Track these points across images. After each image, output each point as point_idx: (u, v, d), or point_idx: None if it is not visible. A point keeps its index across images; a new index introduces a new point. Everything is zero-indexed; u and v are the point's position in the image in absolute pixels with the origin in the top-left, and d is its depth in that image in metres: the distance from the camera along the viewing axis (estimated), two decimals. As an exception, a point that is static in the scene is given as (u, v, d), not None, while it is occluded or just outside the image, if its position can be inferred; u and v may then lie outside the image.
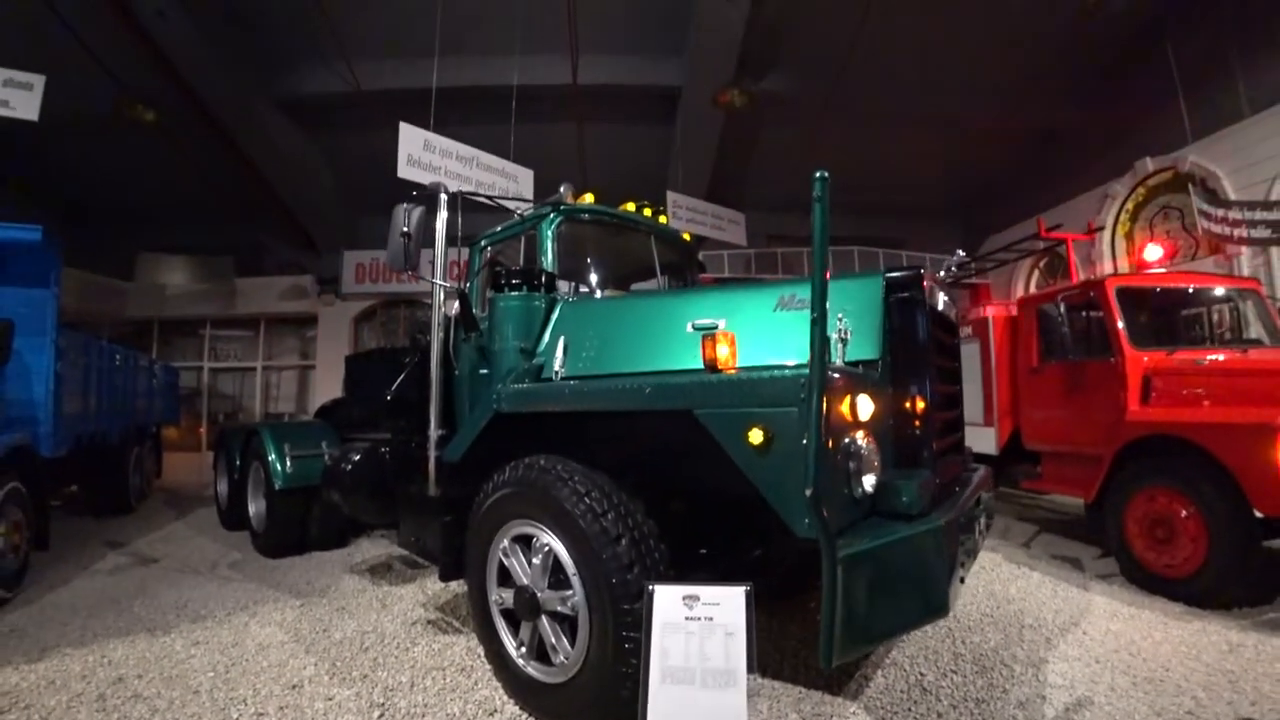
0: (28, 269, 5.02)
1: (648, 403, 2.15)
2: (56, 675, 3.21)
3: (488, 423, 2.87)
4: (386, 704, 2.80)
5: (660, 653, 1.66)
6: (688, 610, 1.70)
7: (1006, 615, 3.65)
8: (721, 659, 1.59)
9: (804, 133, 10.12)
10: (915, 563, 1.83)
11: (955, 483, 2.75)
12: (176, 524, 7.40)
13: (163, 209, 12.08)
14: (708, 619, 1.66)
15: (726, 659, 1.59)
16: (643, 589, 2.09)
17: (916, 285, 2.34)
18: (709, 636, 1.63)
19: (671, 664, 1.63)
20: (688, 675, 1.60)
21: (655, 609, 1.74)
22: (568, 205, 3.78)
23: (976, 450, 5.93)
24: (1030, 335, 5.34)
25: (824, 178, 1.50)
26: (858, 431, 1.88)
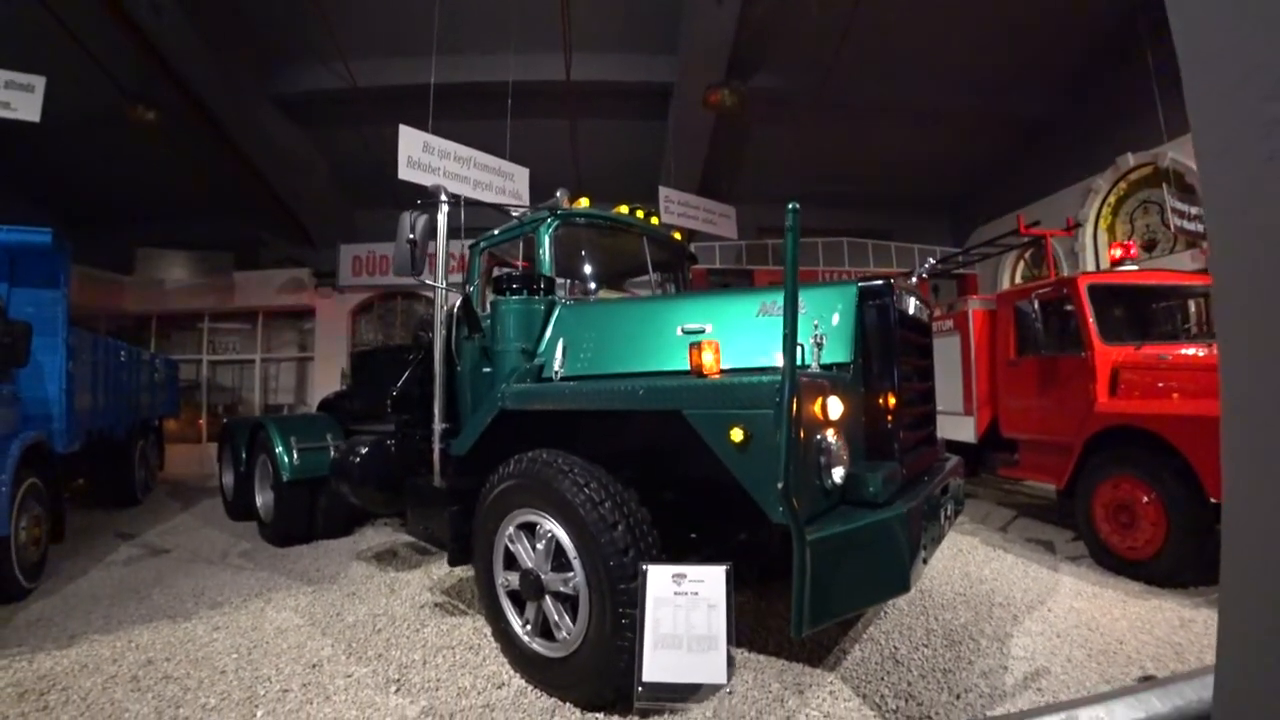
0: (38, 270, 5.16)
1: (641, 403, 2.37)
2: (88, 659, 3.41)
3: (493, 419, 3.07)
4: (402, 679, 3.02)
5: (653, 623, 1.89)
6: (676, 587, 1.93)
7: (979, 594, 3.91)
8: (705, 627, 1.83)
9: (794, 127, 10.29)
10: (878, 546, 2.04)
11: (926, 472, 2.98)
12: (183, 515, 7.58)
13: (162, 205, 12.16)
14: (693, 594, 1.90)
15: (709, 627, 1.83)
16: (638, 570, 2.33)
17: (887, 294, 2.56)
18: (694, 609, 1.87)
19: (663, 632, 1.86)
20: (676, 641, 1.84)
21: (649, 586, 1.97)
22: (564, 210, 3.96)
23: (957, 438, 6.22)
24: (1008, 330, 5.58)
25: (795, 209, 1.70)
26: (828, 429, 2.10)
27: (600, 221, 4.23)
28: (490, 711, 2.67)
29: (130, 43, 7.93)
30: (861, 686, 2.74)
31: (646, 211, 4.65)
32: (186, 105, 8.77)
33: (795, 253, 1.68)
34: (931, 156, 11.73)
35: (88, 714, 2.81)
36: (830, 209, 13.27)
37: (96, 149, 10.32)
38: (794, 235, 1.67)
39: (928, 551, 2.33)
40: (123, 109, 8.64)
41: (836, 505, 2.18)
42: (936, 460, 3.33)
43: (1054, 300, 5.09)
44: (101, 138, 9.88)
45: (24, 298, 5.11)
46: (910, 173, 12.23)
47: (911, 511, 2.16)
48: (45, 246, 5.00)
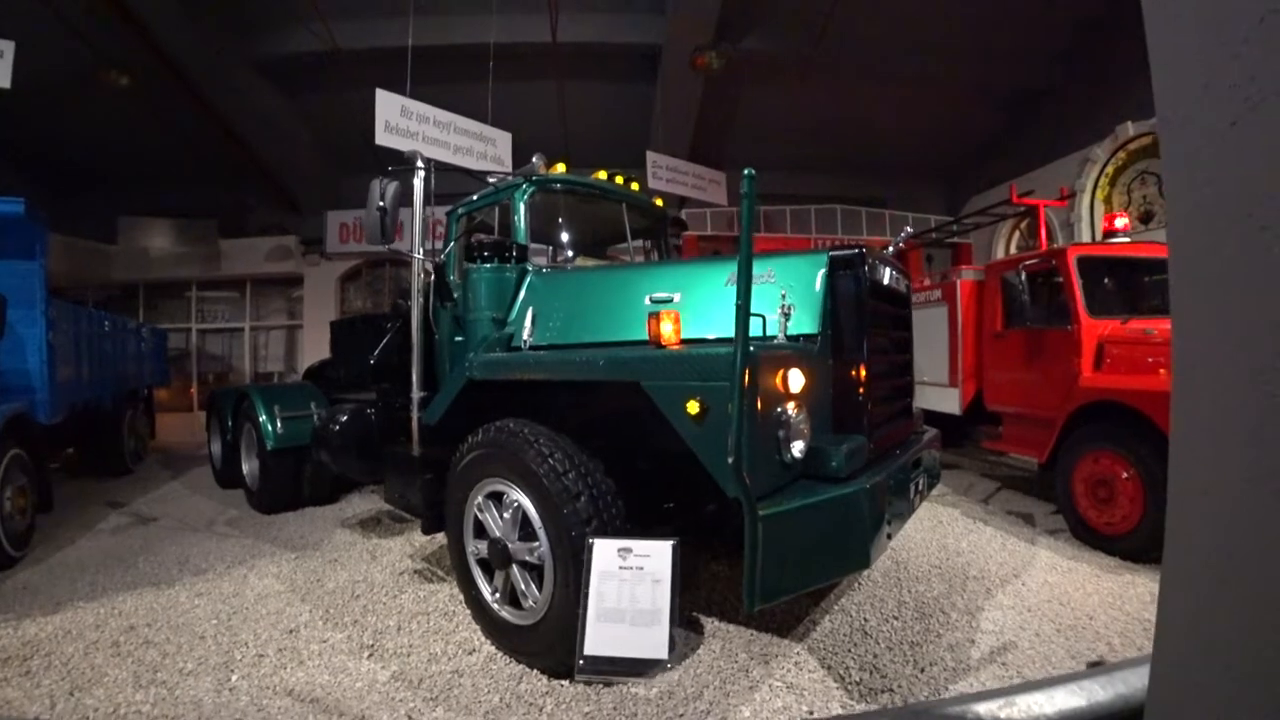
0: (14, 242, 5.06)
1: (601, 374, 2.33)
2: (72, 626, 3.45)
3: (461, 388, 3.04)
4: (375, 645, 3.07)
5: (597, 596, 1.89)
6: (621, 561, 1.92)
7: (954, 567, 3.95)
8: (649, 602, 1.83)
9: (786, 92, 10.05)
10: (836, 521, 2.03)
11: (899, 445, 2.97)
12: (173, 483, 7.62)
13: (144, 172, 11.92)
14: (638, 568, 1.89)
15: (653, 602, 1.83)
16: (600, 542, 2.33)
17: (859, 264, 2.50)
18: (639, 583, 1.86)
19: (606, 606, 1.86)
20: (619, 615, 1.83)
21: (594, 559, 1.96)
22: (539, 176, 3.87)
23: (941, 410, 6.22)
24: (995, 301, 5.52)
25: (750, 175, 1.64)
26: (789, 402, 2.07)
27: (578, 188, 4.13)
28: (459, 677, 2.71)
29: (105, 7, 7.64)
30: (828, 658, 2.77)
31: (627, 177, 4.55)
32: (163, 69, 8.51)
33: (750, 220, 1.63)
34: (926, 123, 11.47)
35: (68, 679, 2.85)
36: (823, 176, 13.06)
37: (75, 116, 10.06)
38: (749, 202, 1.62)
39: (893, 526, 2.32)
40: (100, 76, 8.37)
41: (797, 479, 2.16)
42: (912, 433, 3.32)
43: (1042, 272, 5.02)
44: (80, 105, 9.63)
45: (1, 270, 5.03)
46: (905, 140, 11.98)
47: (875, 486, 2.14)
48: (18, 217, 4.90)
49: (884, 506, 2.19)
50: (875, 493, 2.12)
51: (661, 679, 2.51)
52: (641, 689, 2.42)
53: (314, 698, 2.62)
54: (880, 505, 2.17)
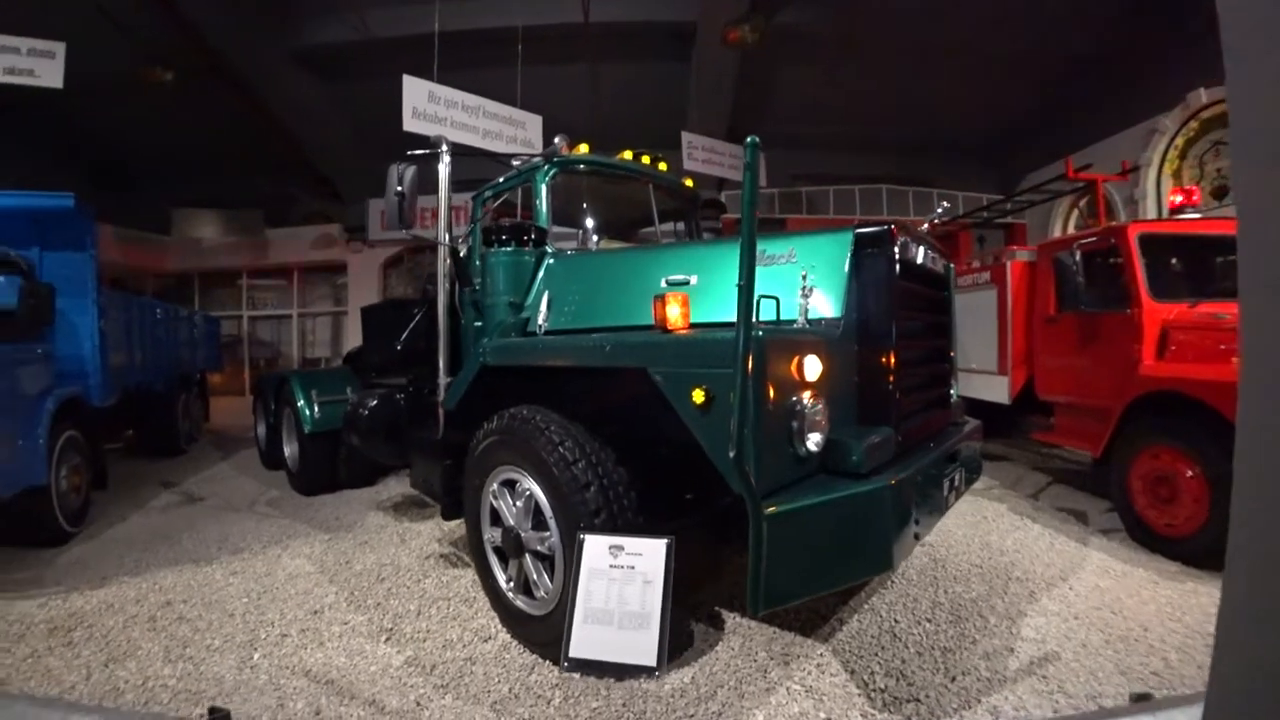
0: (66, 234, 5.31)
1: (607, 360, 2.23)
2: (115, 599, 3.61)
3: (476, 374, 3.00)
4: (394, 629, 3.09)
5: (585, 595, 1.80)
6: (612, 559, 1.82)
7: (996, 567, 3.71)
8: (638, 604, 1.72)
9: (827, 67, 9.63)
10: (854, 521, 1.89)
11: (933, 437, 2.78)
12: (222, 464, 7.94)
13: (193, 165, 12.38)
14: (629, 567, 1.79)
15: (643, 604, 1.72)
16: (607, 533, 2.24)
17: (887, 242, 2.31)
18: (629, 583, 1.76)
19: (594, 606, 1.77)
20: (607, 617, 1.74)
21: (584, 555, 1.87)
22: (561, 156, 3.77)
23: (989, 399, 5.90)
24: (1047, 284, 5.16)
25: (754, 143, 1.50)
26: (804, 391, 1.92)
27: (602, 168, 4.02)
28: (471, 665, 2.68)
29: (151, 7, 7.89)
30: (852, 661, 2.63)
31: (654, 157, 4.40)
32: (207, 64, 8.77)
33: (753, 192, 1.49)
34: (976, 97, 10.78)
35: (105, 650, 2.98)
36: (868, 155, 12.54)
37: (127, 114, 10.49)
38: (752, 174, 1.48)
39: (923, 525, 2.16)
40: (148, 73, 8.68)
41: (813, 474, 2.02)
42: (949, 424, 3.12)
43: (1099, 251, 4.66)
44: (130, 102, 10.01)
45: (55, 260, 5.29)
46: (953, 115, 11.33)
47: (900, 482, 1.99)
48: (69, 210, 5.11)
49: (910, 504, 2.04)
50: (900, 489, 1.97)
51: (675, 675, 2.42)
52: (653, 685, 2.35)
53: (329, 679, 2.64)
54: (905, 503, 2.01)
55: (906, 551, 2.05)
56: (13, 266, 4.34)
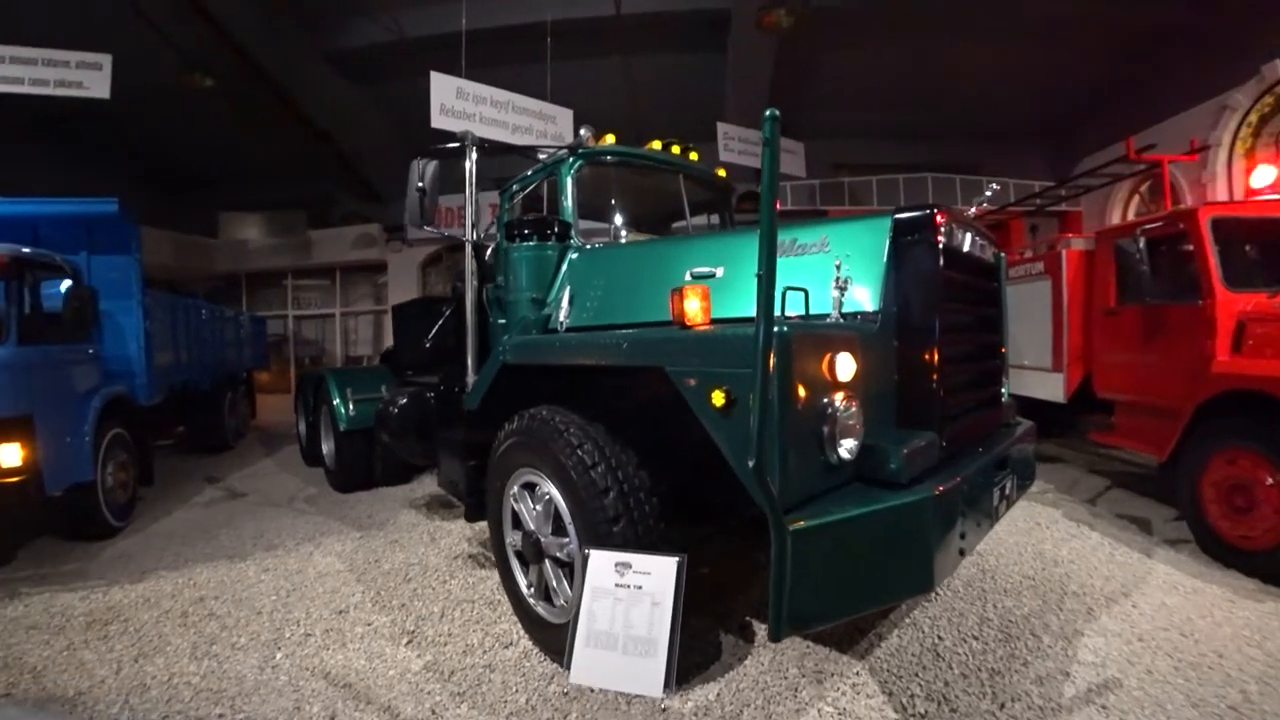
0: (112, 238, 5.49)
1: (625, 358, 2.11)
2: (151, 594, 3.70)
3: (497, 373, 2.91)
4: (416, 631, 3.05)
5: (588, 616, 1.67)
6: (618, 577, 1.69)
7: (1050, 579, 3.44)
8: (645, 628, 1.58)
9: (867, 51, 9.25)
10: (890, 536, 1.72)
11: (982, 440, 2.57)
12: (266, 461, 8.14)
13: (237, 169, 12.83)
14: (637, 587, 1.65)
15: (650, 628, 1.58)
16: (626, 542, 2.12)
17: (929, 227, 2.12)
18: (635, 605, 1.62)
19: (598, 628, 1.64)
20: (611, 640, 1.60)
21: (589, 572, 1.74)
22: (586, 148, 3.66)
23: (1043, 397, 5.55)
24: (1107, 273, 4.80)
25: (774, 117, 1.35)
26: (836, 393, 1.76)
27: (629, 159, 3.90)
28: (490, 673, 2.61)
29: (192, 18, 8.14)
30: (891, 682, 2.44)
31: (684, 147, 4.25)
32: (247, 70, 9.01)
33: (774, 171, 1.34)
34: (1028, 78, 10.18)
35: (137, 645, 3.05)
36: (912, 142, 12.05)
37: (174, 121, 10.93)
38: (772, 151, 1.33)
39: (968, 539, 1.96)
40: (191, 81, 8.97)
41: (847, 483, 1.85)
42: (1000, 426, 2.88)
43: (1166, 237, 4.28)
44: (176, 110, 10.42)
45: (102, 264, 5.48)
46: (1004, 98, 10.75)
47: (945, 493, 1.80)
48: (114, 215, 5.27)
49: (955, 516, 1.85)
50: (943, 501, 1.79)
51: (699, 691, 2.29)
52: (676, 702, 2.22)
53: (347, 682, 2.61)
54: (950, 515, 1.82)
55: (950, 569, 1.87)
56: (58, 270, 4.47)
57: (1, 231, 5.06)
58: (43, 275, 4.48)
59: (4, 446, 3.87)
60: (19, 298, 4.18)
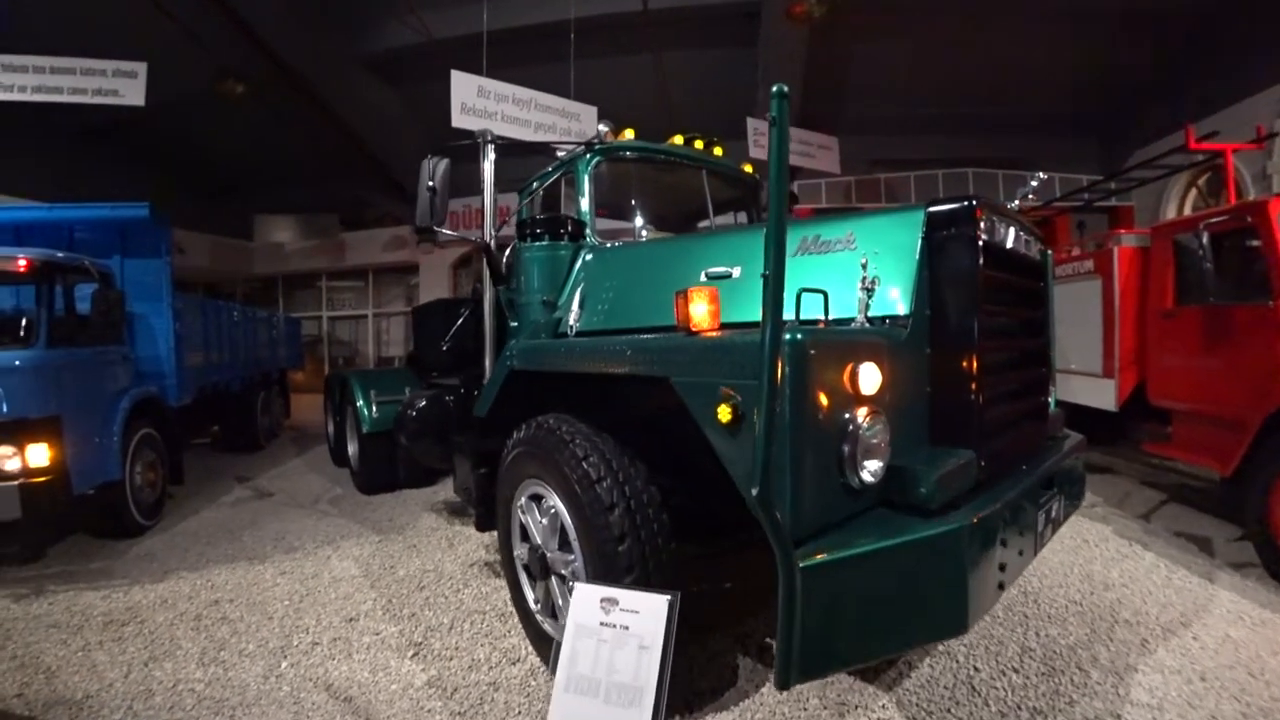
0: (144, 242, 5.60)
1: (628, 366, 1.96)
2: (169, 595, 3.73)
3: (505, 379, 2.80)
4: (423, 643, 2.98)
5: (570, 657, 1.52)
6: (604, 615, 1.54)
7: (1099, 605, 3.15)
8: (630, 674, 1.42)
9: (904, 41, 8.91)
10: (918, 571, 1.53)
11: (1027, 457, 2.34)
12: (296, 461, 8.24)
13: (271, 173, 13.11)
14: (623, 627, 1.49)
15: (635, 675, 1.42)
16: (633, 563, 1.98)
17: (967, 221, 1.91)
18: (620, 647, 1.46)
19: (579, 671, 1.49)
20: (593, 687, 1.45)
21: (572, 608, 1.59)
22: (603, 144, 3.53)
23: (1092, 404, 5.20)
24: (1165, 271, 4.45)
25: (782, 93, 1.19)
26: (859, 407, 1.58)
27: (649, 155, 3.75)
28: (494, 691, 2.51)
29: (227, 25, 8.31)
30: (919, 717, 2.24)
31: (707, 141, 4.09)
32: (280, 75, 9.17)
33: (782, 155, 1.18)
34: (1076, 65, 9.62)
35: (150, 647, 3.05)
36: (952, 136, 11.58)
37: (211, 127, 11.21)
38: (781, 132, 1.17)
39: (1009, 571, 1.75)
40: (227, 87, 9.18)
41: (871, 509, 1.67)
42: (1045, 440, 2.64)
43: (1232, 232, 3.93)
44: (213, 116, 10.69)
45: (134, 267, 5.59)
46: (1050, 87, 10.21)
47: (983, 521, 1.60)
48: (144, 220, 5.36)
49: (994, 547, 1.65)
50: (980, 530, 1.59)
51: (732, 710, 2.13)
52: (686, 732, 2.08)
53: (348, 695, 2.54)
54: (988, 546, 1.62)
55: (986, 606, 1.67)
56: (86, 274, 4.55)
57: (39, 236, 5.23)
58: (73, 279, 4.56)
59: (32, 447, 3.93)
60: (48, 301, 4.26)
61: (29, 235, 5.23)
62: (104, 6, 7.82)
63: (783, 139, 1.18)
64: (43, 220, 5.46)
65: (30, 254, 4.28)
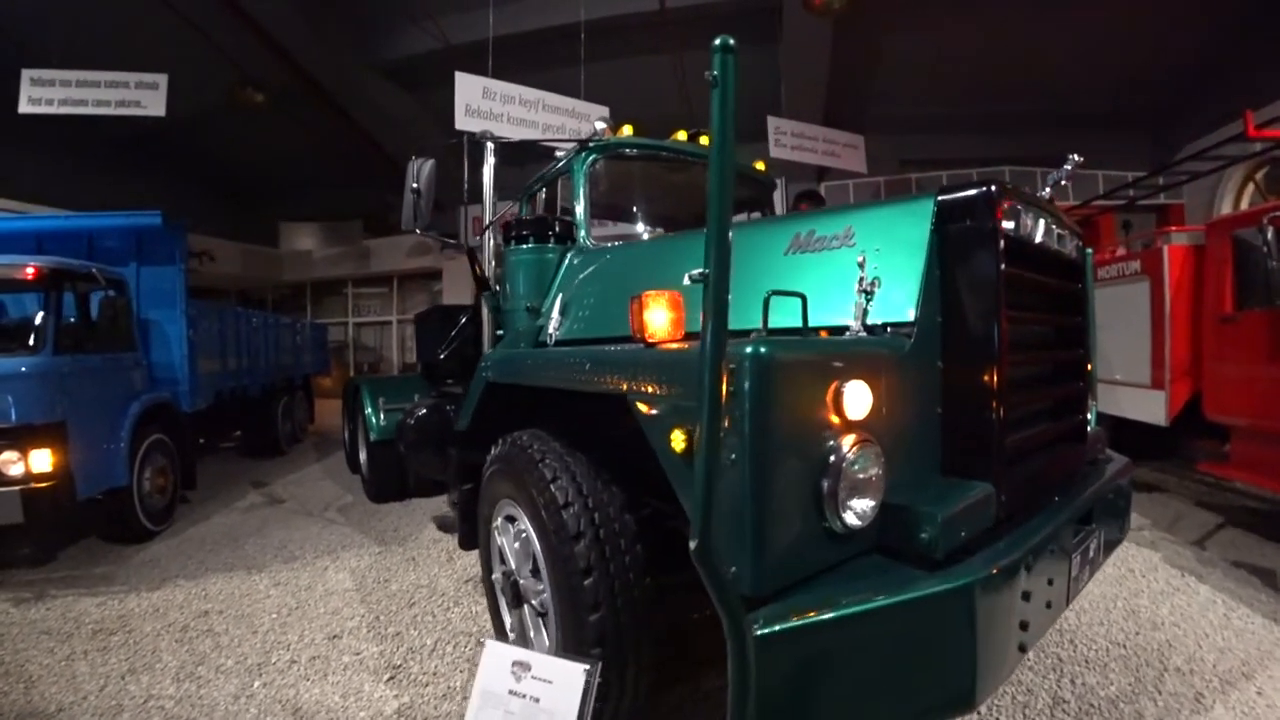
0: (160, 250, 5.66)
1: (586, 381, 1.75)
2: (162, 603, 3.69)
3: (483, 391, 2.63)
4: (402, 666, 2.86)
5: None
6: (514, 682, 1.33)
7: (1146, 648, 2.80)
8: None
9: (936, 34, 8.49)
10: (913, 639, 1.26)
11: (1059, 486, 2.05)
12: (314, 467, 8.26)
13: (296, 181, 13.34)
14: (534, 698, 1.28)
15: None
16: (599, 600, 1.78)
17: (985, 211, 1.64)
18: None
19: None
20: None
21: (481, 670, 1.39)
22: (599, 141, 3.35)
23: (1140, 419, 4.79)
24: (1222, 272, 4.04)
25: (726, 45, 0.97)
26: (843, 435, 1.33)
27: (656, 153, 3.55)
28: (465, 726, 2.32)
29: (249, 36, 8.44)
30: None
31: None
32: (302, 84, 9.29)
33: (726, 118, 0.96)
34: (1122, 55, 9.01)
35: (131, 659, 3.00)
36: (987, 134, 11.07)
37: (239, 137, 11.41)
38: (723, 94, 0.95)
39: (1032, 630, 1.47)
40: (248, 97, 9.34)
41: (863, 554, 1.42)
42: (1083, 464, 2.33)
43: (1302, 228, 3.54)
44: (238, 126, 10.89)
45: (149, 275, 5.64)
46: (1093, 81, 9.62)
47: (999, 574, 1.33)
48: (158, 227, 5.41)
49: (1013, 604, 1.38)
50: (997, 586, 1.31)
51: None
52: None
53: (314, 724, 2.39)
54: (1005, 604, 1.35)
55: (1003, 676, 1.38)
56: (94, 281, 4.56)
57: (59, 244, 5.30)
58: (83, 287, 4.58)
59: (36, 452, 3.95)
60: (56, 308, 4.27)
61: (50, 243, 5.32)
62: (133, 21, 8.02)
63: (725, 102, 0.97)
64: (62, 229, 5.55)
65: (38, 261, 4.32)
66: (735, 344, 1.22)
